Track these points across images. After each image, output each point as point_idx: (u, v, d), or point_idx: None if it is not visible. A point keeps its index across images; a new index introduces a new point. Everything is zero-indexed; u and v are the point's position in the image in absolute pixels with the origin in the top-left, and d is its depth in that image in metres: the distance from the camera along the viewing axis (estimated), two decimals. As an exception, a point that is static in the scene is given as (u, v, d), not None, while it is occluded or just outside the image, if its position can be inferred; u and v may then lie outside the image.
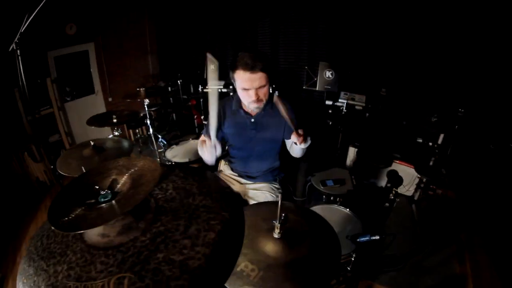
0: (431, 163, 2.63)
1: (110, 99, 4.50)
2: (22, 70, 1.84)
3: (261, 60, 1.45)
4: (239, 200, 0.72)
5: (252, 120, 1.69)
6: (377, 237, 1.33)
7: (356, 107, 3.13)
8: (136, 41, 4.70)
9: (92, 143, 2.00)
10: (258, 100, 1.54)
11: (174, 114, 4.96)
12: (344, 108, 3.09)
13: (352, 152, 3.21)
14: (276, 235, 1.00)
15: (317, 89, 3.28)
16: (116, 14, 4.18)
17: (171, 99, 4.98)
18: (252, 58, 1.45)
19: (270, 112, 1.67)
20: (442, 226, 2.47)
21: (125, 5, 4.24)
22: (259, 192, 1.82)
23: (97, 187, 0.69)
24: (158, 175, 0.64)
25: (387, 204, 1.84)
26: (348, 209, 1.71)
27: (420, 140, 2.81)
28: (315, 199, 2.32)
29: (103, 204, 0.66)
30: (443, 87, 2.73)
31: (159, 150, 3.21)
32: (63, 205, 0.69)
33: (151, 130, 3.11)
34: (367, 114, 3.12)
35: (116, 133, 2.56)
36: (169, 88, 4.73)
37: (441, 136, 2.62)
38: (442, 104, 2.73)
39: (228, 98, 1.80)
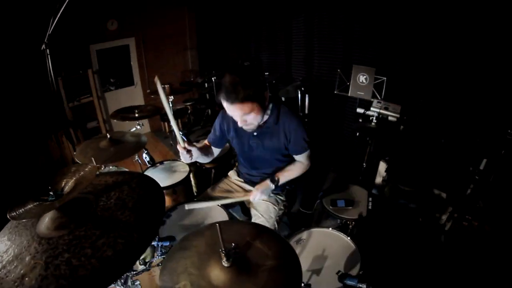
0: (468, 191, 2.41)
1: (148, 91, 4.92)
2: (51, 67, 2.17)
3: (243, 87, 1.39)
4: (158, 224, 0.82)
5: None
6: (364, 286, 1.20)
7: (390, 117, 2.97)
8: (176, 37, 5.07)
9: (108, 136, 2.26)
10: (247, 124, 1.58)
11: (209, 110, 5.23)
12: (374, 118, 2.96)
13: (383, 167, 3.06)
14: (224, 263, 0.92)
15: (349, 94, 3.19)
16: (156, 10, 4.56)
17: (207, 95, 5.26)
18: (231, 88, 1.39)
19: (273, 124, 1.69)
20: (471, 264, 2.26)
21: (165, 1, 4.60)
22: (262, 202, 1.82)
23: (50, 187, 0.86)
24: (86, 184, 0.76)
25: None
26: (349, 238, 1.57)
27: (459, 163, 2.58)
28: (332, 218, 2.18)
29: (48, 202, 0.81)
30: (493, 102, 2.46)
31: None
32: (24, 197, 0.87)
33: (173, 126, 3.34)
34: (402, 127, 2.95)
35: (138, 127, 2.82)
36: (205, 84, 5.01)
37: (484, 161, 2.38)
38: (489, 123, 2.47)
39: None
